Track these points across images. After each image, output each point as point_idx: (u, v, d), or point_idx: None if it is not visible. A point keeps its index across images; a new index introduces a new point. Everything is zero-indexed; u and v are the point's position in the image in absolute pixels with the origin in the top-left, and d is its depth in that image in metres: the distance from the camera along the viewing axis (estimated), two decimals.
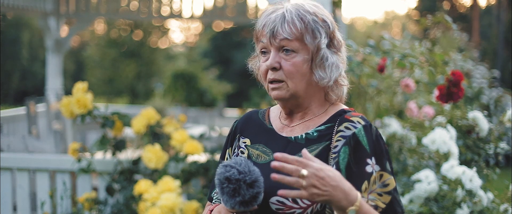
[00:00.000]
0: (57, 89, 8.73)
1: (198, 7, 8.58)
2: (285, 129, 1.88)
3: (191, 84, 16.71)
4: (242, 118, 2.00)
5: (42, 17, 8.40)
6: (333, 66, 1.81)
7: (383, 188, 1.73)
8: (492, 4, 22.96)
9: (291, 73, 1.78)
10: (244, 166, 1.70)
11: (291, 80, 1.79)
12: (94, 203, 3.97)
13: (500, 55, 19.34)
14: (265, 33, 1.80)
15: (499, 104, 7.92)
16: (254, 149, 1.89)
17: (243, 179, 1.68)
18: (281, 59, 1.79)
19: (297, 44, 1.77)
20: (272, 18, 1.79)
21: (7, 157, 4.26)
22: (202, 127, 8.52)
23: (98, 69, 22.65)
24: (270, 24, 1.78)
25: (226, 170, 1.70)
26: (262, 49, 1.83)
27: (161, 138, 4.17)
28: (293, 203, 1.72)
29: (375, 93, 4.02)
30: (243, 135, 1.95)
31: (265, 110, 1.99)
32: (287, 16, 1.77)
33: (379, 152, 1.75)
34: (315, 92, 1.84)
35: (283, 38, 1.77)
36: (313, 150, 1.78)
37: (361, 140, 1.74)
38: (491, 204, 3.14)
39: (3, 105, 18.59)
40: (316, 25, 1.78)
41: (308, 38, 1.78)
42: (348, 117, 1.80)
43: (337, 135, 1.77)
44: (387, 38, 3.90)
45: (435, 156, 3.33)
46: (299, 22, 1.77)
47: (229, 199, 1.69)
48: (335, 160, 1.74)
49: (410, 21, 27.60)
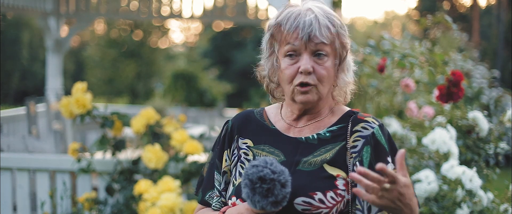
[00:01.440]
0: (57, 89, 8.73)
1: (198, 7, 8.58)
2: (291, 130, 1.87)
3: (191, 84, 16.70)
4: (238, 118, 1.95)
5: (42, 17, 8.39)
6: (350, 68, 1.86)
7: None
8: (492, 4, 22.96)
9: (323, 77, 1.79)
10: (275, 165, 1.68)
11: (322, 84, 1.79)
12: (94, 203, 3.97)
13: (500, 55, 19.34)
14: (298, 36, 1.76)
15: (499, 104, 7.92)
16: (260, 150, 1.86)
17: (277, 179, 1.66)
18: (314, 63, 1.78)
19: (329, 49, 1.79)
20: (307, 22, 1.75)
21: (7, 157, 4.26)
22: (202, 127, 8.52)
23: (98, 69, 22.64)
24: (306, 28, 1.75)
25: (258, 170, 1.66)
26: (289, 52, 1.79)
27: (161, 138, 4.17)
28: (320, 203, 1.73)
29: (375, 93, 4.02)
30: (241, 135, 1.91)
31: (261, 109, 1.96)
32: (321, 19, 1.77)
33: (394, 150, 1.80)
34: (329, 94, 1.86)
35: (320, 42, 1.76)
36: (328, 150, 1.80)
37: (379, 139, 1.78)
38: (491, 204, 3.14)
39: (3, 105, 18.59)
40: (342, 29, 1.81)
41: (337, 43, 1.79)
42: (361, 118, 1.82)
43: (354, 135, 1.79)
44: (387, 38, 3.90)
45: (435, 156, 3.32)
46: (332, 26, 1.78)
47: (261, 199, 1.66)
48: (357, 159, 1.77)
49: (410, 21, 27.61)
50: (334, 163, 1.78)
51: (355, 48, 3.92)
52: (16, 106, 14.24)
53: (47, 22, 8.46)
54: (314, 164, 1.78)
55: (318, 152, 1.80)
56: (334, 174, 1.76)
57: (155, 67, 22.70)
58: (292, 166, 1.79)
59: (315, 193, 1.73)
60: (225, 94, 19.26)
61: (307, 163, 1.79)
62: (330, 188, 1.75)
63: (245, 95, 18.40)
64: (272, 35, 1.82)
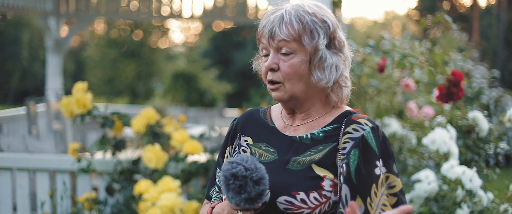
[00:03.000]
0: (57, 89, 8.73)
1: (198, 7, 8.58)
2: (288, 128, 1.87)
3: (191, 84, 16.72)
4: (243, 116, 1.99)
5: (42, 17, 8.39)
6: (332, 67, 1.79)
7: (389, 190, 1.74)
8: (492, 4, 22.96)
9: (288, 74, 1.78)
10: (250, 163, 1.69)
11: (289, 82, 1.79)
12: (94, 203, 3.97)
13: (500, 55, 19.34)
14: (264, 34, 1.80)
15: (499, 104, 7.92)
16: (257, 147, 1.88)
17: (249, 176, 1.67)
18: (279, 60, 1.79)
19: (295, 45, 1.77)
20: (271, 19, 1.79)
21: (7, 157, 4.26)
22: (202, 127, 8.51)
23: (98, 69, 22.65)
24: (269, 25, 1.78)
25: (232, 167, 1.69)
26: (263, 50, 1.83)
27: (161, 138, 4.17)
28: (302, 203, 1.72)
29: (375, 93, 4.02)
30: (244, 133, 1.94)
31: (266, 108, 1.98)
32: (286, 17, 1.77)
33: (386, 154, 1.76)
34: (315, 93, 1.83)
35: (280, 39, 1.77)
36: (319, 150, 1.78)
37: (370, 142, 1.74)
38: (491, 204, 3.14)
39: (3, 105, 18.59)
40: (314, 25, 1.77)
41: (306, 39, 1.77)
42: (355, 119, 1.79)
43: (345, 137, 1.77)
44: (387, 38, 3.90)
45: (435, 156, 3.33)
46: (297, 23, 1.76)
47: (234, 195, 1.69)
48: (344, 161, 1.74)
49: (410, 21, 27.60)
50: (322, 164, 1.76)
51: (355, 48, 3.92)
52: (16, 106, 14.23)
53: (47, 22, 8.45)
54: (303, 163, 1.77)
55: (309, 152, 1.79)
56: (321, 175, 1.75)
57: (155, 67, 22.71)
58: (282, 164, 1.79)
59: (297, 192, 1.73)
60: (225, 94, 19.27)
61: (296, 162, 1.78)
62: (315, 188, 1.73)
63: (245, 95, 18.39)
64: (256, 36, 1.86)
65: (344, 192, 1.72)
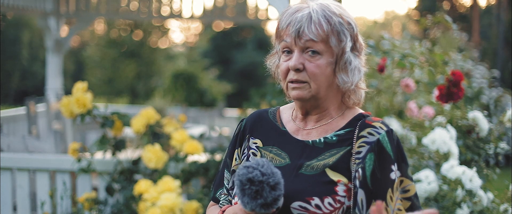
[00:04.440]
0: (57, 89, 8.72)
1: (198, 7, 8.57)
2: (300, 132, 1.83)
3: (191, 84, 16.69)
4: (251, 117, 1.94)
5: (42, 17, 8.39)
6: (356, 69, 1.77)
7: (403, 194, 1.72)
8: (492, 4, 22.96)
9: (315, 75, 1.74)
10: (266, 167, 1.66)
11: (315, 82, 1.75)
12: (94, 203, 3.97)
13: (500, 55, 19.34)
14: (289, 33, 1.74)
15: (499, 104, 7.92)
16: (267, 151, 1.84)
17: (266, 181, 1.64)
18: (305, 60, 1.74)
19: (322, 46, 1.73)
20: (298, 18, 1.73)
21: (7, 157, 4.26)
22: (202, 127, 8.51)
23: (98, 69, 22.65)
24: (296, 24, 1.73)
25: (248, 171, 1.65)
26: (284, 49, 1.78)
27: (161, 138, 4.17)
28: (316, 209, 1.70)
29: (375, 93, 4.02)
30: (253, 135, 1.90)
31: (275, 109, 1.94)
32: (314, 16, 1.72)
33: (401, 158, 1.74)
34: (334, 95, 1.80)
35: (309, 39, 1.72)
36: (333, 154, 1.76)
37: (385, 146, 1.72)
38: (491, 204, 3.14)
39: (3, 105, 18.59)
40: (342, 27, 1.74)
41: (333, 41, 1.73)
42: (369, 123, 1.76)
43: (360, 141, 1.74)
44: (387, 38, 3.90)
45: (435, 156, 3.32)
46: (326, 24, 1.72)
47: (250, 201, 1.66)
48: (360, 165, 1.71)
49: (410, 21, 27.60)
50: (336, 168, 1.74)
51: None
52: (16, 106, 14.23)
53: (47, 22, 8.45)
54: (317, 168, 1.74)
55: (322, 156, 1.76)
56: (335, 180, 1.72)
57: (155, 67, 22.70)
58: (295, 169, 1.76)
59: (312, 198, 1.70)
60: (225, 94, 19.26)
61: (309, 167, 1.75)
62: (329, 193, 1.71)
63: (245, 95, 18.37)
64: (275, 32, 1.81)
65: (360, 197, 1.70)
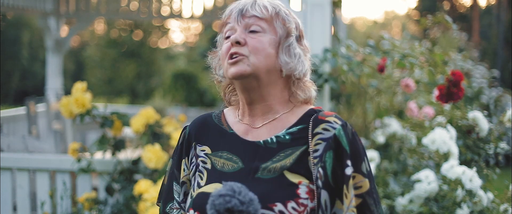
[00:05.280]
0: (57, 89, 8.73)
1: (198, 7, 8.57)
2: (249, 133, 1.73)
3: (191, 84, 16.71)
4: (194, 123, 1.83)
5: (42, 17, 8.39)
6: (301, 57, 1.71)
7: (355, 191, 1.64)
8: (492, 4, 22.96)
9: (256, 48, 1.66)
10: (244, 195, 1.56)
11: (255, 56, 1.66)
12: (94, 203, 3.97)
13: (500, 55, 19.34)
14: (232, 15, 1.73)
15: (499, 104, 7.92)
16: (218, 157, 1.73)
17: (247, 211, 1.55)
18: (247, 37, 1.68)
19: (266, 25, 1.69)
20: (241, 3, 1.73)
21: (7, 157, 4.26)
22: None
23: (98, 69, 22.65)
24: (239, 6, 1.72)
25: (225, 201, 1.55)
26: (227, 32, 1.73)
27: (161, 138, 4.17)
28: None
29: (375, 93, 4.02)
30: (199, 142, 1.78)
31: (219, 112, 1.85)
32: (259, 1, 1.72)
33: (355, 152, 1.65)
34: (277, 81, 1.71)
35: (252, 15, 1.69)
36: (288, 155, 1.66)
37: (341, 141, 1.64)
38: (491, 204, 3.14)
39: (3, 105, 18.59)
40: (287, 16, 1.72)
41: (278, 23, 1.70)
42: (322, 118, 1.68)
43: (315, 138, 1.65)
44: (387, 38, 3.90)
45: (435, 156, 3.33)
46: (271, 7, 1.71)
47: None
48: (319, 164, 1.63)
49: (410, 21, 27.61)
50: (295, 170, 1.64)
51: (355, 48, 3.92)
52: (16, 106, 14.23)
53: (47, 22, 8.45)
54: (274, 171, 1.64)
55: (277, 157, 1.66)
56: (296, 182, 1.63)
57: (155, 67, 22.72)
58: (250, 173, 1.66)
59: (274, 204, 1.60)
60: None
61: (266, 170, 1.65)
62: (291, 197, 1.61)
63: None
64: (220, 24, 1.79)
65: (324, 198, 1.63)
